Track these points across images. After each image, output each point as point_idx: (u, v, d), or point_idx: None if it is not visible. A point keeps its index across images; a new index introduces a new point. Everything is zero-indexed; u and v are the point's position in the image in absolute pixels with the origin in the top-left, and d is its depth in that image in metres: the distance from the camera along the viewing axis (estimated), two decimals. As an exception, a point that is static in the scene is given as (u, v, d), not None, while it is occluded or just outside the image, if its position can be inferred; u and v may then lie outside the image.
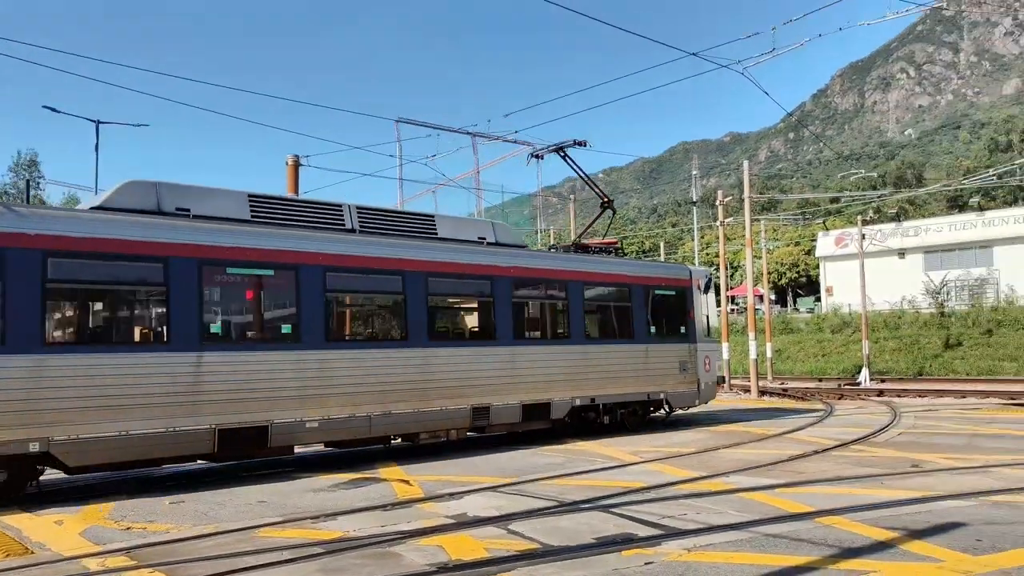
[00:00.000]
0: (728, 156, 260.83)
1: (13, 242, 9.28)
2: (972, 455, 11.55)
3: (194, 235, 10.85)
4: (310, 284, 11.79)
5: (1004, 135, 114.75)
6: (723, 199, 30.49)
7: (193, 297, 10.66)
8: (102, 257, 10.04)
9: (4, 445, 8.97)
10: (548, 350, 15.03)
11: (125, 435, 9.84)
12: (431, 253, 13.48)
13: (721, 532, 6.90)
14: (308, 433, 11.57)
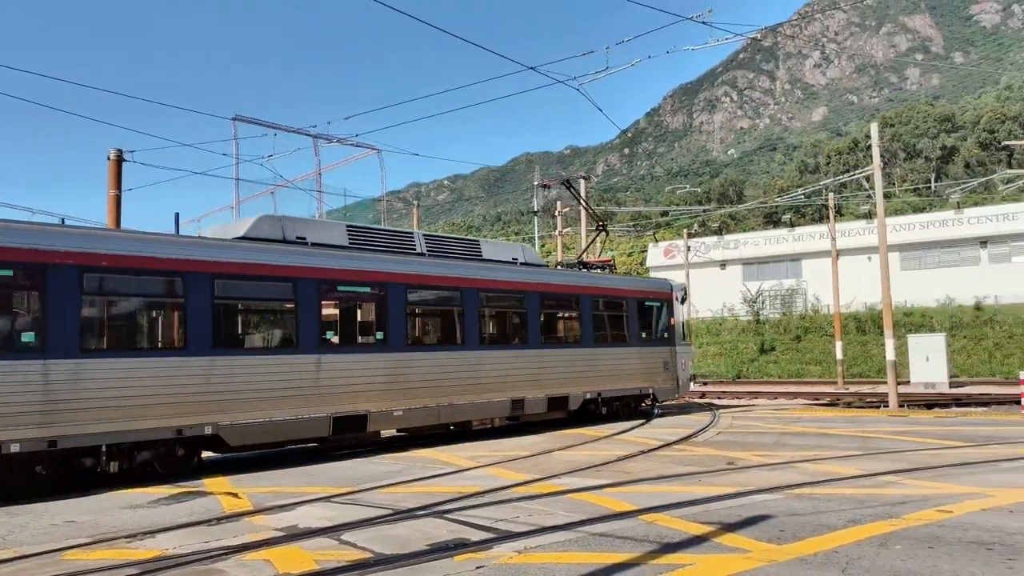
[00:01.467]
0: (568, 168, 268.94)
1: (191, 267, 11.84)
2: (780, 452, 12.52)
3: (314, 260, 13.49)
4: (396, 299, 14.55)
5: (812, 158, 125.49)
6: (561, 210, 31.39)
7: (314, 310, 13.24)
8: (252, 279, 12.66)
9: (189, 428, 11.46)
10: (566, 352, 18.13)
11: (270, 421, 12.39)
12: (480, 272, 16.45)
13: (551, 533, 7.10)
14: (394, 420, 14.34)
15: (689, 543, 6.65)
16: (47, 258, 10.51)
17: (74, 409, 10.52)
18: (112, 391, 10.89)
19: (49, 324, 10.43)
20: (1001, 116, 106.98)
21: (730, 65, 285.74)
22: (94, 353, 10.88)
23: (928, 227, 53.44)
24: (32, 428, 10.09)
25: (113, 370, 10.98)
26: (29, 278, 10.46)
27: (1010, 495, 8.40)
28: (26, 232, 10.61)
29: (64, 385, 10.45)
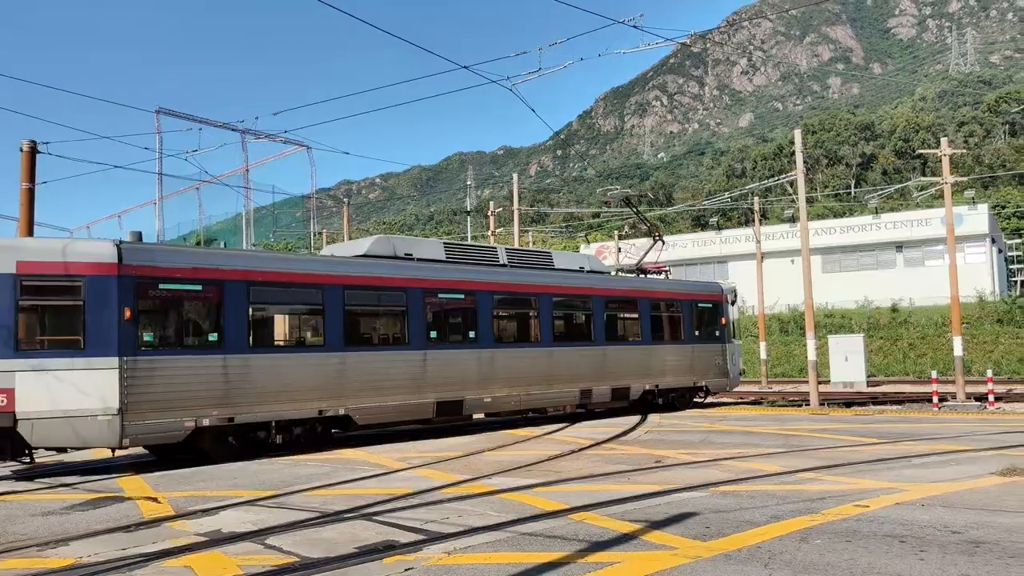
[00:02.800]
0: (502, 168, 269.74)
1: (329, 281, 14.67)
2: (706, 450, 12.77)
3: (420, 272, 16.26)
4: (484, 303, 17.20)
5: (740, 163, 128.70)
6: (494, 210, 31.41)
7: (420, 313, 15.99)
8: (373, 289, 15.56)
9: (327, 409, 14.31)
10: (627, 349, 20.38)
11: (388, 404, 15.15)
12: (551, 279, 18.94)
13: (481, 533, 7.08)
14: (484, 405, 17.06)
15: (617, 541, 6.71)
16: (224, 275, 13.43)
17: (245, 393, 13.38)
18: (272, 379, 13.74)
19: (226, 326, 13.28)
20: (916, 125, 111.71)
21: (661, 70, 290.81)
22: (258, 349, 13.71)
23: (848, 232, 55.39)
24: (215, 407, 12.99)
25: (272, 362, 13.87)
26: (211, 290, 13.31)
27: (922, 489, 8.75)
28: (207, 255, 14.23)
29: (237, 374, 13.32)
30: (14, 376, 11.65)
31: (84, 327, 12.12)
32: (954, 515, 7.44)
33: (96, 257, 12.34)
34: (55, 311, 12.46)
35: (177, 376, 12.77)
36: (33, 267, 12.09)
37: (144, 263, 12.70)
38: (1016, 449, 12.01)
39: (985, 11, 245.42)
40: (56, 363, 11.94)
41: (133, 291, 12.44)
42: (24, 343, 11.97)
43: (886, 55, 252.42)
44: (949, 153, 24.69)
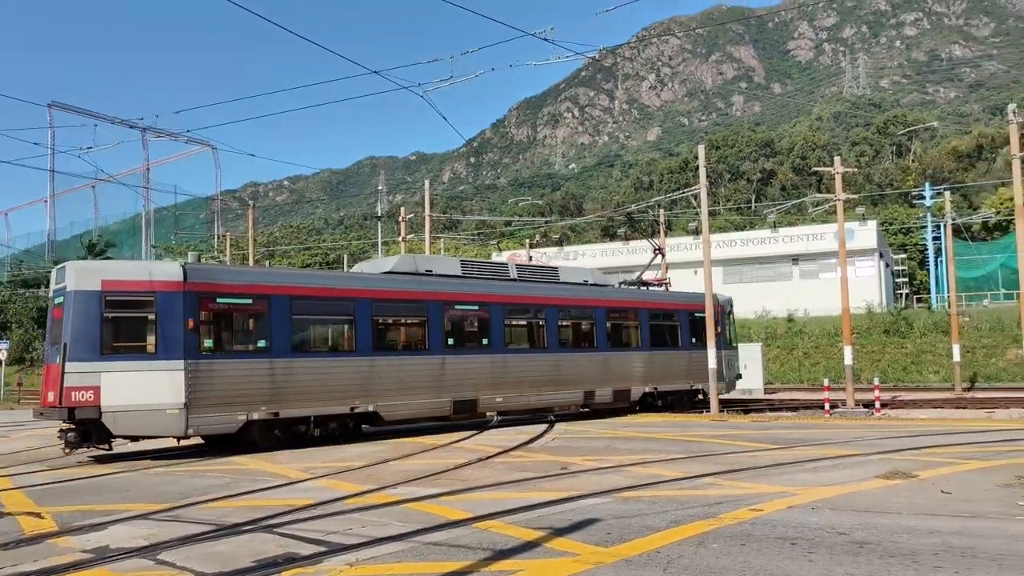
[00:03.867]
0: (414, 174, 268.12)
1: (360, 295, 16.84)
2: (610, 456, 12.99)
3: (439, 287, 18.41)
4: (495, 314, 19.35)
5: (647, 175, 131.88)
6: (405, 216, 31.19)
7: (439, 323, 18.11)
8: (397, 302, 17.76)
9: (358, 406, 16.47)
10: (627, 355, 22.50)
11: (411, 403, 17.35)
12: (557, 293, 21.18)
13: (384, 544, 6.98)
14: (496, 405, 19.16)
15: (521, 549, 6.74)
16: (271, 290, 15.69)
17: (289, 391, 15.57)
18: (311, 380, 15.93)
19: (273, 334, 15.55)
20: (812, 144, 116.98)
21: (573, 82, 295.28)
22: (299, 354, 15.93)
23: (748, 244, 57.46)
24: (264, 404, 15.20)
25: (312, 365, 16.09)
26: (260, 304, 15.53)
27: (813, 493, 9.13)
28: (257, 273, 17.64)
29: (282, 375, 15.53)
30: (100, 376, 13.90)
31: (156, 335, 14.42)
32: (841, 517, 7.79)
33: (166, 276, 14.75)
34: (132, 321, 14.66)
35: (232, 376, 15.01)
36: (114, 285, 14.48)
37: (204, 280, 15.07)
38: (898, 453, 12.67)
39: (876, 38, 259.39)
40: (133, 365, 14.30)
41: (196, 305, 14.71)
42: (107, 348, 14.17)
43: (786, 76, 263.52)
44: (842, 171, 25.94)
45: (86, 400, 13.76)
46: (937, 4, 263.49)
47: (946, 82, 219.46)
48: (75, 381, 13.78)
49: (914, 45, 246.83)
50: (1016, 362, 35.27)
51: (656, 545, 6.75)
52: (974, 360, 36.87)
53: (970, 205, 76.26)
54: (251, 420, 15.07)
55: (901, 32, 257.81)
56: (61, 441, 14.08)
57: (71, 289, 14.32)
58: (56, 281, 15.03)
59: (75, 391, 13.75)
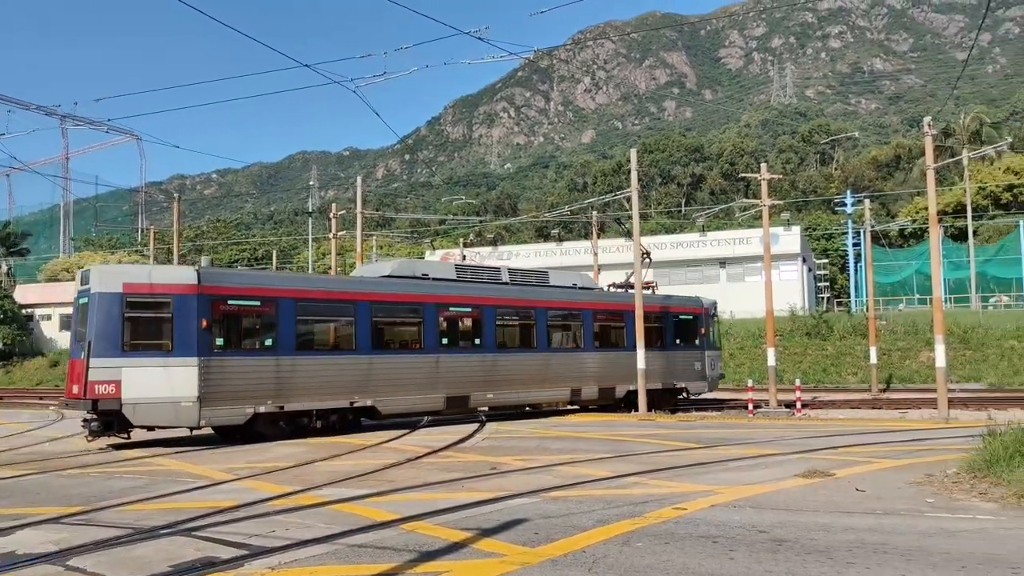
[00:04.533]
0: (347, 170, 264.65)
1: (359, 298, 18.10)
2: (540, 456, 13.05)
3: (434, 290, 19.56)
4: (487, 315, 20.51)
5: (581, 177, 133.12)
6: (337, 212, 30.76)
7: (434, 324, 19.26)
8: (395, 304, 18.92)
9: (357, 401, 17.63)
10: (613, 354, 23.58)
11: (406, 398, 18.48)
12: (546, 296, 22.43)
13: (308, 547, 6.86)
14: (488, 400, 20.37)
15: (448, 550, 6.71)
16: (277, 293, 16.87)
17: (293, 386, 16.73)
18: (314, 376, 17.10)
19: (279, 333, 16.70)
20: (741, 150, 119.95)
21: (509, 82, 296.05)
22: (303, 352, 17.12)
23: (678, 247, 58.54)
24: (269, 398, 16.34)
25: (314, 363, 17.28)
26: (267, 305, 16.71)
27: (735, 492, 9.34)
28: (264, 276, 19.78)
29: (287, 372, 16.68)
30: (121, 370, 15.05)
31: (172, 333, 15.55)
32: (762, 515, 7.99)
33: (181, 279, 15.96)
34: (150, 321, 15.71)
35: (241, 372, 16.19)
36: (134, 287, 15.57)
37: (216, 284, 16.23)
38: (817, 453, 13.08)
39: (803, 48, 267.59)
40: (151, 361, 15.39)
41: (208, 306, 15.81)
42: (127, 345, 15.29)
43: (716, 83, 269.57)
44: (767, 178, 26.65)
45: (108, 393, 15.00)
46: (860, 19, 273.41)
47: (867, 94, 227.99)
48: (98, 375, 14.99)
49: (838, 57, 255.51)
50: (928, 364, 36.79)
51: (582, 545, 6.80)
52: (890, 362, 38.33)
53: (888, 213, 79.40)
54: (258, 412, 16.28)
55: (826, 44, 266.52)
56: (85, 429, 15.42)
57: (95, 291, 15.50)
58: (81, 283, 16.18)
59: (98, 384, 14.97)
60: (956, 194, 64.63)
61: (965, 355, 37.03)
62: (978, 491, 8.86)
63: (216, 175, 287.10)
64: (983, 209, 68.44)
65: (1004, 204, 70.85)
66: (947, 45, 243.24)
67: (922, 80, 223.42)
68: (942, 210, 58.33)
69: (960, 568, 5.95)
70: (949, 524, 7.47)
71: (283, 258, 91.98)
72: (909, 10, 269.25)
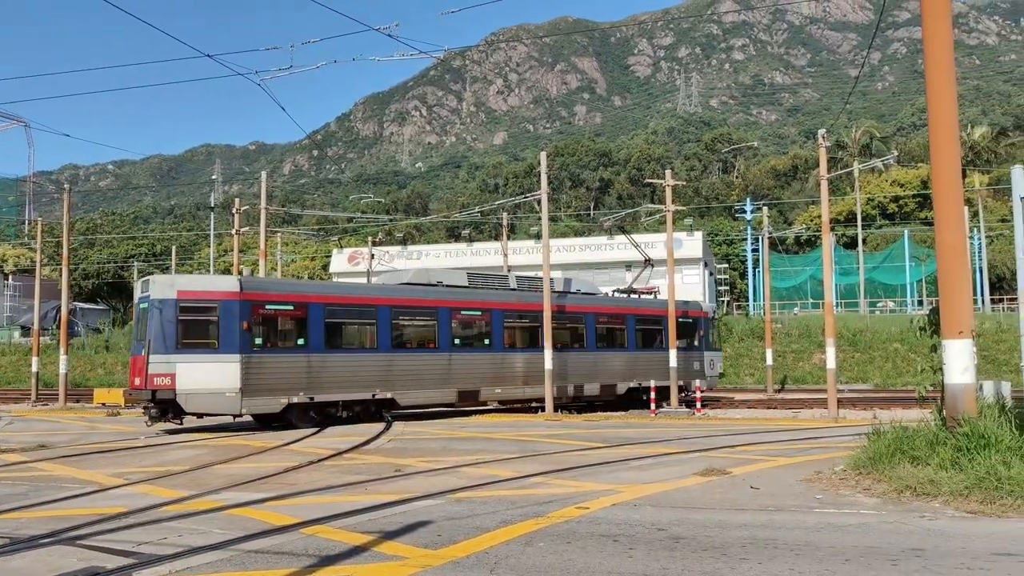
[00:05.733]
0: (253, 165, 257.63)
1: (381, 303, 20.92)
2: (446, 457, 13.00)
3: (448, 295, 22.14)
4: (496, 318, 22.90)
5: (493, 178, 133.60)
6: (240, 207, 29.87)
7: (447, 326, 21.86)
8: (412, 308, 21.64)
9: (378, 394, 20.26)
10: (614, 354, 25.80)
11: (422, 392, 21.21)
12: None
13: (202, 554, 6.62)
14: (496, 395, 22.80)
15: (349, 554, 6.59)
16: (308, 299, 19.60)
17: (322, 380, 19.14)
18: (340, 371, 19.50)
19: (309, 334, 19.18)
20: (648, 156, 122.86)
21: (421, 81, 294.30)
22: (331, 350, 19.52)
23: (586, 250, 59.45)
24: (301, 390, 18.72)
25: (341, 360, 19.69)
26: (299, 310, 19.34)
27: (636, 490, 9.54)
28: (297, 284, 23.77)
29: (317, 367, 19.13)
30: (175, 365, 17.64)
31: (218, 334, 18.13)
32: (661, 514, 8.18)
33: (226, 287, 18.62)
34: (200, 323, 18.21)
35: (276, 368, 18.70)
36: (186, 294, 18.22)
37: (256, 291, 18.85)
38: (715, 451, 13.50)
39: (708, 59, 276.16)
40: (201, 357, 17.89)
41: (249, 310, 18.31)
42: (181, 344, 17.84)
43: (625, 90, 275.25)
44: (672, 184, 27.36)
45: (165, 384, 17.57)
46: (762, 33, 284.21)
47: (768, 105, 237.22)
48: (156, 369, 17.61)
49: (741, 69, 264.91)
50: (820, 366, 38.54)
51: (485, 546, 6.80)
52: (784, 364, 39.98)
53: (785, 220, 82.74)
54: (291, 403, 18.78)
55: (730, 56, 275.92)
56: (146, 416, 18.23)
57: (154, 297, 18.15)
58: (141, 290, 19.09)
59: (156, 377, 17.57)
60: (847, 204, 67.98)
61: (854, 357, 38.97)
62: (862, 487, 9.32)
63: (112, 166, 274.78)
64: (872, 219, 72.23)
65: (891, 214, 74.95)
66: (841, 62, 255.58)
67: (818, 94, 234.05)
68: (834, 219, 61.21)
69: (844, 561, 6.23)
70: (835, 519, 7.82)
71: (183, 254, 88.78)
72: (807, 27, 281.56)
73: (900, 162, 77.98)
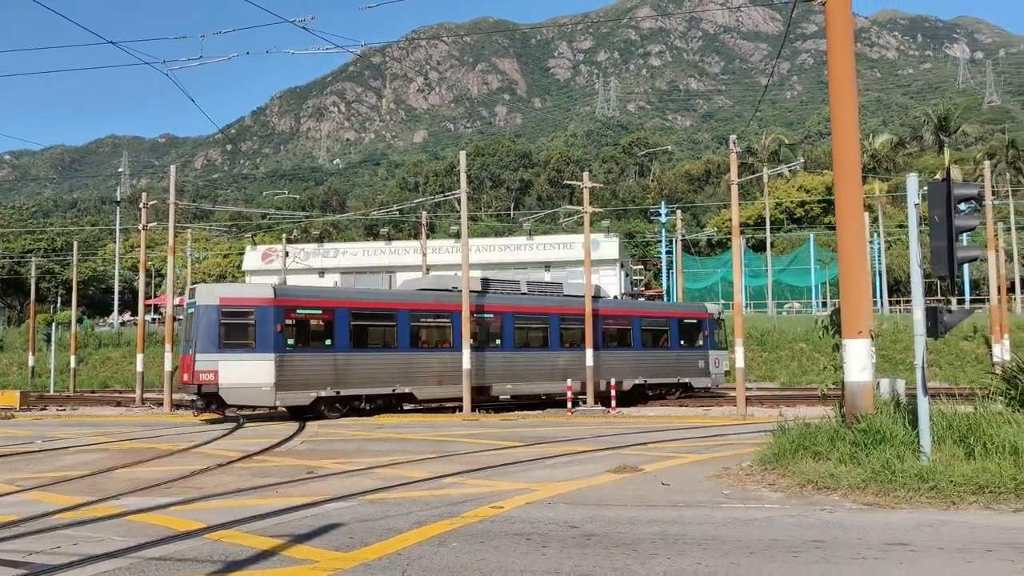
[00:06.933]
0: (163, 158, 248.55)
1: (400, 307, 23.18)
2: (360, 458, 12.82)
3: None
4: (507, 321, 24.77)
5: (413, 176, 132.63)
6: (147, 201, 28.78)
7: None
8: (429, 312, 23.76)
9: (398, 388, 22.41)
10: (619, 353, 27.08)
11: (438, 387, 23.28)
12: (559, 303, 25.99)
13: (100, 562, 6.33)
14: (507, 391, 24.66)
15: (256, 559, 6.42)
16: (334, 304, 22.00)
17: (347, 377, 21.39)
18: (363, 368, 21.67)
19: (336, 335, 21.54)
20: (567, 158, 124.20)
21: (340, 76, 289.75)
22: (355, 350, 21.71)
23: (506, 250, 59.63)
24: (329, 386, 21.04)
25: (364, 358, 21.80)
26: (327, 313, 21.67)
27: (550, 489, 9.61)
28: (325, 291, 27.10)
29: (342, 365, 21.38)
30: (218, 363, 19.86)
31: (255, 335, 20.39)
32: (574, 511, 8.26)
33: (262, 294, 21.14)
34: (239, 326, 20.42)
35: (306, 365, 20.85)
36: (228, 301, 20.69)
37: (288, 297, 21.23)
38: (628, 449, 13.72)
39: (626, 64, 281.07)
40: (240, 356, 20.10)
41: (282, 314, 20.54)
42: (223, 344, 20.11)
43: (545, 92, 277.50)
44: (589, 186, 27.69)
45: (209, 380, 19.84)
46: (678, 40, 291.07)
47: (683, 111, 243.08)
48: (202, 366, 19.86)
49: (658, 75, 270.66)
50: (729, 365, 39.74)
51: (398, 547, 6.73)
52: (697, 363, 40.93)
53: (698, 223, 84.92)
54: (320, 396, 20.95)
55: (647, 62, 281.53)
56: (193, 408, 21.00)
57: (199, 304, 20.54)
58: (188, 297, 21.52)
59: (202, 373, 19.84)
60: (757, 208, 70.24)
61: (762, 356, 40.22)
62: (767, 482, 9.63)
63: (10, 156, 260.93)
64: (780, 223, 74.82)
65: (798, 219, 77.87)
66: (753, 70, 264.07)
67: (731, 101, 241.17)
68: (744, 222, 63.14)
69: (749, 554, 6.42)
70: (742, 514, 8.06)
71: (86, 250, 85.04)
72: (721, 35, 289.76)
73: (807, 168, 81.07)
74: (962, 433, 9.51)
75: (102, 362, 43.36)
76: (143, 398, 27.78)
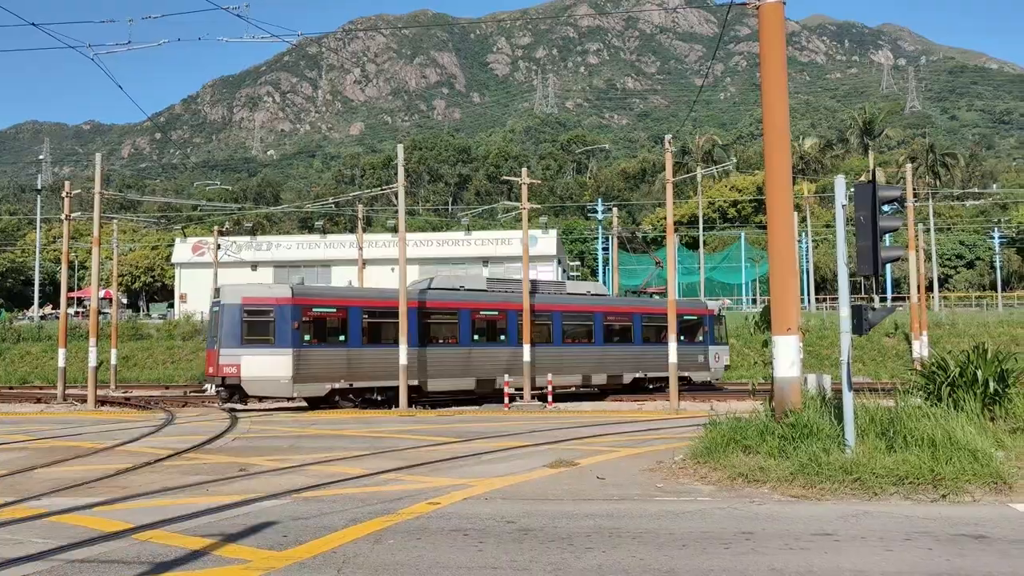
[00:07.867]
0: (88, 145, 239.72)
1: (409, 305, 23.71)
2: (294, 455, 12.60)
3: (467, 298, 25.88)
4: (512, 318, 26.22)
5: (350, 169, 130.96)
6: (71, 190, 27.74)
7: (468, 325, 25.52)
8: (436, 310, 25.27)
9: (411, 381, 23.31)
10: (620, 348, 28.57)
11: (446, 380, 24.92)
12: (562, 301, 27.94)
13: (18, 565, 6.09)
14: (511, 383, 24.38)
15: (186, 559, 6.27)
16: (348, 303, 23.75)
17: (360, 370, 23.07)
18: (375, 362, 23.26)
19: (349, 331, 23.27)
20: (505, 154, 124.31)
21: (275, 66, 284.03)
22: (368, 345, 23.49)
23: (444, 245, 59.48)
24: (342, 378, 22.75)
25: (375, 353, 23.42)
26: (341, 311, 23.37)
27: (487, 484, 9.62)
28: (339, 290, 28.60)
29: (355, 359, 23.07)
30: (241, 357, 21.50)
31: (274, 331, 22.00)
32: (511, 506, 8.29)
33: (281, 293, 22.71)
34: (260, 323, 22.10)
35: (322, 359, 22.41)
36: (250, 300, 22.51)
37: (305, 296, 22.87)
38: (565, 443, 13.84)
39: (564, 61, 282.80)
40: (261, 351, 21.78)
41: (299, 312, 22.12)
42: (245, 340, 21.84)
43: (484, 87, 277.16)
44: (527, 182, 27.81)
45: (232, 372, 21.44)
46: (615, 39, 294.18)
47: (620, 110, 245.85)
48: (226, 360, 21.47)
49: (595, 73, 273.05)
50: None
51: (333, 545, 6.65)
52: (631, 358, 41.52)
53: (634, 221, 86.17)
54: (334, 388, 22.58)
55: (585, 60, 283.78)
56: (218, 398, 22.69)
57: (224, 303, 22.24)
58: (214, 296, 23.43)
59: (226, 366, 21.47)
60: (691, 206, 71.57)
61: (694, 352, 40.96)
62: (700, 475, 9.83)
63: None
64: (712, 221, 76.40)
65: (730, 218, 79.64)
66: (688, 71, 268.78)
67: (666, 101, 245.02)
68: (679, 220, 64.23)
69: (682, 547, 6.56)
70: (674, 507, 8.22)
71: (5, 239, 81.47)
72: (657, 35, 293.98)
73: (739, 168, 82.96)
74: (884, 427, 9.87)
75: (21, 357, 41.72)
76: (65, 394, 26.79)
